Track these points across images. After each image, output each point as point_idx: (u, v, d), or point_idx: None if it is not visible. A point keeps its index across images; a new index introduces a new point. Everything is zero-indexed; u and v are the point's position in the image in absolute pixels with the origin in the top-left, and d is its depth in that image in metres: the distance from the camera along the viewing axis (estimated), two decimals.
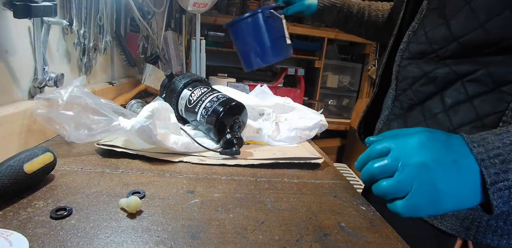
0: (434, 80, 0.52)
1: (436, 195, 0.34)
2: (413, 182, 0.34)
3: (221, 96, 0.62)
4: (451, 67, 0.50)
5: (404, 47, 0.55)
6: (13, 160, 0.36)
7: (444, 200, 0.34)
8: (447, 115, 0.51)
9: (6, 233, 0.28)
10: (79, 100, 0.51)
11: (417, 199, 0.34)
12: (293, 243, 0.33)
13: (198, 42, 1.36)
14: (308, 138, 0.71)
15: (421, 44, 0.52)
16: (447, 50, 0.49)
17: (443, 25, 0.49)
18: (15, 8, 0.43)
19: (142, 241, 0.31)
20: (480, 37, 0.45)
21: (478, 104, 0.48)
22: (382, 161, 0.35)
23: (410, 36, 0.54)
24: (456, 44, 0.48)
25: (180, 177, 0.46)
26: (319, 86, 2.46)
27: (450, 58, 0.50)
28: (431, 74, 0.52)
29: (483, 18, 0.44)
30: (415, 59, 0.54)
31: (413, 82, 0.55)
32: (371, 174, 0.36)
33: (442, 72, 0.51)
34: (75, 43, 0.71)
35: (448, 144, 0.36)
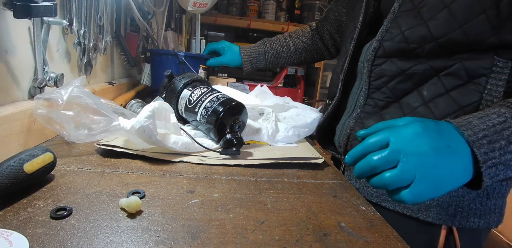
0: (411, 77, 0.54)
1: (437, 180, 0.37)
2: (416, 171, 0.36)
3: (221, 96, 0.62)
4: (428, 63, 0.52)
5: (377, 45, 0.56)
6: (13, 160, 0.36)
7: (444, 183, 0.37)
8: (428, 108, 0.53)
9: (6, 233, 0.28)
10: (79, 100, 0.51)
11: (422, 186, 0.36)
12: (293, 243, 0.33)
13: (198, 42, 1.36)
14: (306, 135, 0.70)
15: (398, 42, 0.54)
16: (424, 49, 0.52)
17: (421, 25, 0.51)
18: (15, 8, 0.43)
19: (142, 241, 0.31)
20: (458, 38, 0.49)
21: (456, 96, 0.51)
22: (383, 153, 0.36)
23: (383, 34, 0.55)
24: (434, 43, 0.50)
25: (180, 177, 0.46)
26: (319, 86, 2.46)
27: (425, 56, 0.52)
28: (409, 71, 0.54)
29: (462, 20, 0.48)
30: (389, 57, 0.56)
31: (389, 80, 0.56)
32: (372, 166, 0.37)
33: (420, 68, 0.53)
34: (75, 43, 0.71)
35: (439, 131, 0.39)
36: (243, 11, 2.42)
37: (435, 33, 0.50)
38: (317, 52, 1.02)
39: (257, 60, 0.98)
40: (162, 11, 1.30)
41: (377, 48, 0.56)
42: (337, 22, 0.92)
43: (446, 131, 0.39)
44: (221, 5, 2.37)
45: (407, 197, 0.36)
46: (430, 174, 0.36)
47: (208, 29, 2.37)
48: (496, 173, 0.37)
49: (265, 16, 2.41)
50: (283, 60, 1.00)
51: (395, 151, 0.36)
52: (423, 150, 0.36)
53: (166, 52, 1.08)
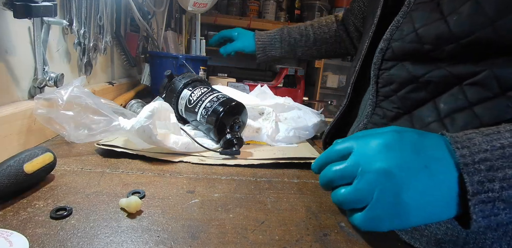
0: (427, 85, 0.44)
1: (401, 207, 0.29)
2: (373, 191, 0.29)
3: (221, 96, 0.62)
4: (448, 69, 0.42)
5: (386, 46, 0.47)
6: (13, 160, 0.36)
7: (411, 213, 0.29)
8: (442, 124, 0.43)
9: (6, 233, 0.28)
10: (79, 100, 0.51)
11: (378, 211, 0.29)
12: (293, 243, 0.33)
13: (198, 42, 1.36)
14: (307, 138, 0.71)
15: (410, 43, 0.44)
16: (443, 51, 0.41)
17: (439, 21, 0.41)
18: (15, 8, 0.43)
19: (142, 241, 0.31)
20: (488, 38, 0.38)
21: (481, 112, 0.40)
22: (341, 165, 0.31)
23: (393, 33, 0.46)
24: (456, 44, 0.40)
25: (180, 177, 0.46)
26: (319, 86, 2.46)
27: (444, 59, 0.42)
28: (423, 79, 0.44)
29: (494, 14, 0.36)
30: (399, 60, 0.46)
31: (399, 88, 0.47)
32: (328, 179, 0.32)
33: (438, 75, 0.43)
34: (75, 43, 0.71)
35: (419, 146, 0.31)
36: (243, 11, 2.42)
37: (456, 32, 0.39)
38: (340, 45, 0.90)
39: (272, 48, 0.91)
40: (162, 11, 1.29)
41: (384, 49, 0.47)
42: (361, 14, 0.80)
43: (429, 146, 0.31)
44: (221, 5, 2.37)
45: (359, 221, 0.30)
46: (391, 198, 0.29)
47: (208, 29, 2.37)
48: (493, 211, 0.28)
49: (265, 16, 2.41)
50: (301, 50, 0.90)
51: (354, 165, 0.30)
52: (388, 167, 0.29)
53: (166, 55, 1.08)
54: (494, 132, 0.31)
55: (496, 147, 0.29)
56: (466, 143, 0.30)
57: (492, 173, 0.28)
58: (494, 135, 0.30)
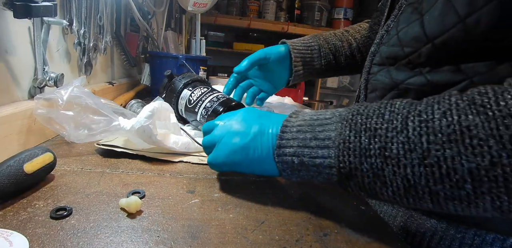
0: (406, 92, 0.42)
1: (233, 148, 0.38)
2: (221, 137, 0.39)
3: (221, 96, 0.62)
4: (426, 76, 0.40)
5: (375, 49, 0.46)
6: (13, 160, 0.36)
7: (239, 156, 0.38)
8: None
9: (6, 233, 0.28)
10: (79, 100, 0.51)
11: (218, 153, 0.39)
12: (293, 243, 0.33)
13: (198, 42, 1.36)
14: None
15: (393, 46, 0.43)
16: (420, 55, 0.39)
17: (416, 22, 0.39)
18: (15, 8, 0.43)
19: (142, 241, 0.31)
20: (460, 37, 0.35)
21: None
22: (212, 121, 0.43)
23: (383, 36, 0.45)
24: (430, 46, 0.38)
25: (180, 177, 0.46)
26: (319, 86, 2.46)
27: (426, 64, 0.40)
28: (402, 85, 0.42)
29: (464, 10, 0.34)
30: (385, 65, 0.45)
31: (382, 94, 0.45)
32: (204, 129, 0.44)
33: (416, 82, 0.41)
34: (75, 43, 0.71)
35: (267, 115, 0.40)
36: (243, 11, 2.42)
37: (429, 32, 0.37)
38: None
39: (311, 59, 0.70)
40: (162, 11, 1.30)
41: (374, 53, 0.46)
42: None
43: (274, 116, 0.40)
44: (221, 5, 2.37)
45: (208, 159, 0.41)
46: (228, 145, 0.38)
47: (208, 29, 2.37)
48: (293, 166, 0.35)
49: (265, 16, 2.41)
50: (343, 59, 0.72)
51: (217, 120, 0.42)
52: (232, 122, 0.40)
53: (166, 55, 1.08)
54: (324, 110, 0.38)
55: (313, 118, 0.35)
56: (299, 114, 0.38)
57: (297, 134, 0.35)
58: (321, 112, 0.37)
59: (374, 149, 0.29)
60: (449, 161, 0.26)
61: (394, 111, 0.30)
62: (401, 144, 0.28)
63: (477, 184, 0.25)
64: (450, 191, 0.26)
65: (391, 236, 0.36)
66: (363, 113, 0.32)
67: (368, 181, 0.30)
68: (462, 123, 0.26)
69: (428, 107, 0.29)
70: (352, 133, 0.31)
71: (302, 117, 0.36)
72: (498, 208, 0.26)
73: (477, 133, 0.25)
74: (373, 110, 0.32)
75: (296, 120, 0.36)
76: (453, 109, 0.27)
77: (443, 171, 0.26)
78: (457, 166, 0.25)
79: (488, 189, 0.25)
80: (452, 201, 0.27)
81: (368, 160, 0.30)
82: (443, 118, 0.27)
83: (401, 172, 0.28)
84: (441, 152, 0.26)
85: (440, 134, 0.26)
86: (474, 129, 0.25)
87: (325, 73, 0.74)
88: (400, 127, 0.29)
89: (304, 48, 0.70)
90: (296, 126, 0.35)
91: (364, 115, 0.32)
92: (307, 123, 0.35)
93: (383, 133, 0.29)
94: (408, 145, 0.28)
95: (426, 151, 0.27)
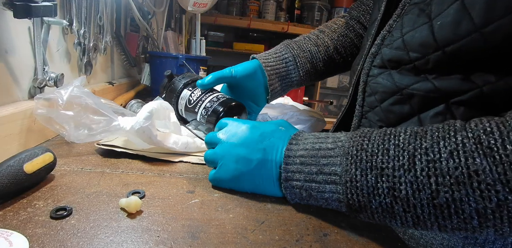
0: (410, 98, 0.40)
1: (236, 174, 0.39)
2: (223, 157, 0.40)
3: (221, 96, 0.61)
4: (433, 81, 0.37)
5: (376, 51, 0.44)
6: (13, 160, 0.36)
7: (242, 180, 0.39)
8: None
9: (6, 233, 0.28)
10: (79, 100, 0.51)
11: (221, 172, 0.40)
12: (293, 243, 0.33)
13: (198, 42, 1.36)
14: None
15: (397, 49, 0.40)
16: (428, 61, 0.37)
17: (424, 26, 0.37)
18: (15, 8, 0.43)
19: (142, 241, 0.31)
20: (473, 46, 0.33)
21: None
22: (214, 132, 0.43)
23: (384, 37, 0.43)
24: (440, 53, 0.35)
25: (180, 177, 0.46)
26: (319, 86, 2.46)
27: (433, 71, 0.38)
28: (407, 90, 0.40)
29: (481, 17, 0.32)
30: (387, 68, 0.43)
31: (383, 98, 0.43)
32: (206, 142, 0.44)
33: (422, 88, 0.38)
34: (75, 43, 0.71)
35: (269, 135, 0.39)
36: (243, 11, 2.42)
37: (440, 38, 0.35)
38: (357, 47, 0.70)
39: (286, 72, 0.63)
40: (162, 11, 1.30)
41: (375, 54, 0.44)
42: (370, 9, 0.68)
43: (277, 137, 0.39)
44: (221, 5, 2.37)
45: (210, 176, 0.42)
46: (230, 165, 0.39)
47: (208, 29, 2.37)
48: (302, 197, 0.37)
49: (265, 16, 2.41)
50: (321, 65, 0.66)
51: (221, 134, 0.41)
52: (236, 142, 0.39)
53: (166, 55, 1.08)
54: (324, 136, 0.37)
55: (315, 147, 0.35)
56: (299, 139, 0.38)
57: (301, 166, 0.35)
58: (322, 139, 0.36)
59: (382, 188, 0.30)
60: (457, 202, 0.27)
61: (399, 145, 0.30)
62: (409, 183, 0.29)
63: (484, 220, 0.27)
64: (457, 225, 0.28)
65: (391, 236, 0.36)
66: (367, 148, 0.32)
67: (378, 215, 0.32)
68: (470, 166, 0.26)
69: (434, 144, 0.29)
70: (358, 172, 0.31)
71: (303, 146, 0.36)
72: (500, 235, 0.27)
73: (485, 178, 0.26)
74: (377, 145, 0.32)
75: (297, 149, 0.36)
76: (460, 150, 0.27)
77: (452, 211, 0.27)
78: (465, 207, 0.27)
79: (493, 224, 0.26)
80: (459, 231, 0.29)
81: (376, 198, 0.30)
82: (451, 158, 0.27)
83: (410, 210, 0.29)
84: (449, 194, 0.27)
85: (448, 177, 0.27)
86: (482, 174, 0.26)
87: (304, 82, 0.67)
88: (407, 166, 0.29)
89: (277, 62, 0.63)
90: (298, 157, 0.36)
91: (368, 152, 0.32)
92: (309, 154, 0.35)
93: (390, 172, 0.30)
94: (417, 185, 0.28)
95: (435, 192, 0.28)
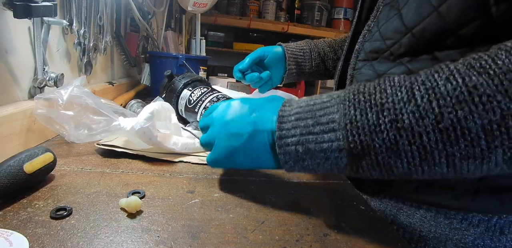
0: None
1: (230, 150, 0.38)
2: (216, 137, 0.39)
3: (221, 96, 0.62)
4: (407, 65, 0.42)
5: (360, 47, 0.49)
6: (13, 160, 0.36)
7: (237, 156, 0.38)
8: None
9: (6, 233, 0.28)
10: (79, 100, 0.51)
11: (216, 152, 0.40)
12: (293, 243, 0.33)
13: (198, 42, 1.36)
14: None
15: (375, 41, 0.46)
16: (400, 45, 0.42)
17: (395, 16, 0.43)
18: (15, 8, 0.43)
19: (142, 241, 0.31)
20: (435, 25, 0.39)
21: None
22: (205, 119, 0.42)
23: (365, 35, 0.48)
24: (410, 36, 0.41)
25: (180, 177, 0.46)
26: (319, 86, 2.46)
27: (405, 55, 0.43)
28: (385, 75, 0.44)
29: (436, 0, 0.38)
30: (369, 60, 0.48)
31: None
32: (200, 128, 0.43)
33: (397, 71, 0.43)
34: (75, 43, 0.71)
35: (260, 107, 0.39)
36: (243, 11, 2.42)
37: (407, 23, 0.41)
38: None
39: (302, 60, 0.78)
40: (162, 11, 1.30)
41: (359, 51, 0.49)
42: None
43: (267, 108, 0.38)
44: (221, 5, 2.37)
45: (207, 159, 0.41)
46: (224, 143, 0.39)
47: (208, 29, 2.37)
48: (298, 155, 0.33)
49: (265, 16, 2.41)
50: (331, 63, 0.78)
51: (211, 117, 0.41)
52: (223, 121, 0.39)
53: (166, 55, 1.08)
54: (318, 95, 0.36)
55: (310, 103, 0.35)
56: (292, 102, 0.37)
57: (297, 122, 0.34)
58: (315, 96, 0.36)
59: (384, 124, 0.29)
60: (462, 121, 0.27)
61: (396, 84, 0.31)
62: (411, 113, 0.29)
63: (491, 138, 0.27)
64: (465, 150, 0.28)
65: (391, 236, 0.36)
66: (364, 91, 0.32)
67: (382, 156, 0.30)
68: (468, 84, 0.27)
69: (429, 76, 0.30)
70: (357, 112, 0.31)
71: (297, 105, 0.36)
72: (508, 160, 0.28)
73: (484, 90, 0.26)
74: (373, 87, 0.32)
75: (291, 109, 0.35)
76: (455, 74, 0.28)
77: (458, 132, 0.27)
78: (471, 125, 0.27)
79: (501, 142, 0.26)
80: (467, 161, 0.28)
81: (379, 135, 0.30)
82: (448, 82, 0.28)
83: (416, 140, 0.29)
84: (453, 114, 0.27)
85: (449, 98, 0.27)
86: (480, 88, 0.26)
87: (314, 74, 0.80)
88: (406, 98, 0.29)
89: (297, 50, 0.77)
90: (293, 115, 0.34)
91: (366, 93, 0.32)
92: (304, 110, 0.34)
93: (391, 106, 0.30)
94: (419, 113, 0.28)
95: (438, 116, 0.28)
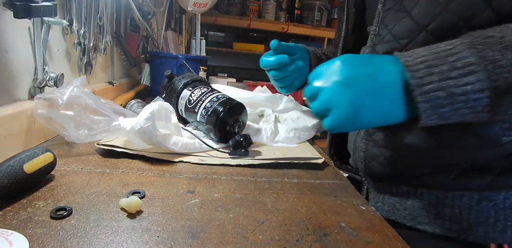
0: None
1: (354, 110, 0.36)
2: (332, 100, 0.37)
3: (221, 96, 0.62)
4: None
5: (371, 51, 0.51)
6: (13, 160, 0.36)
7: (363, 114, 0.36)
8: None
9: (6, 233, 0.28)
10: (79, 100, 0.51)
11: (337, 115, 0.37)
12: (293, 243, 0.33)
13: (198, 42, 1.36)
14: (307, 138, 0.71)
15: (388, 42, 0.48)
16: (416, 42, 0.45)
17: (406, 18, 0.46)
18: (15, 8, 0.43)
19: (142, 241, 0.31)
20: (448, 21, 0.42)
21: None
22: (309, 86, 0.39)
23: (373, 39, 0.50)
24: (425, 33, 0.44)
25: (180, 177, 0.46)
26: None
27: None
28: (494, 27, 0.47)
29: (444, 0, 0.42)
30: None
31: None
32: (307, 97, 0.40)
33: None
34: (75, 43, 0.71)
35: (368, 60, 0.38)
36: (243, 11, 2.42)
37: (420, 21, 0.44)
38: None
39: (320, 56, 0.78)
40: (162, 11, 1.30)
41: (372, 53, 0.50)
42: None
43: (378, 61, 0.37)
44: (221, 5, 2.37)
45: (326, 125, 0.38)
46: (345, 104, 0.36)
47: (208, 29, 2.37)
48: (437, 102, 0.33)
49: (265, 16, 2.41)
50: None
51: (318, 82, 0.38)
52: (339, 80, 0.36)
53: (166, 55, 1.09)
54: (433, 45, 0.36)
55: (432, 52, 0.34)
56: (409, 53, 0.36)
57: (430, 69, 0.33)
58: (432, 46, 0.36)
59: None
60: None
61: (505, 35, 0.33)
62: None
63: None
64: None
65: (391, 236, 0.36)
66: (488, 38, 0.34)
67: None
68: None
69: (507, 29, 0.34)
70: (496, 53, 0.32)
71: (417, 55, 0.35)
72: None
73: None
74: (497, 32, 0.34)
75: (414, 58, 0.35)
76: None
77: None
78: None
79: None
80: None
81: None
82: None
83: None
84: None
85: None
86: None
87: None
88: None
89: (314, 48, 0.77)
90: (421, 63, 0.34)
91: (494, 38, 0.33)
92: (431, 58, 0.34)
93: None
94: None
95: None
